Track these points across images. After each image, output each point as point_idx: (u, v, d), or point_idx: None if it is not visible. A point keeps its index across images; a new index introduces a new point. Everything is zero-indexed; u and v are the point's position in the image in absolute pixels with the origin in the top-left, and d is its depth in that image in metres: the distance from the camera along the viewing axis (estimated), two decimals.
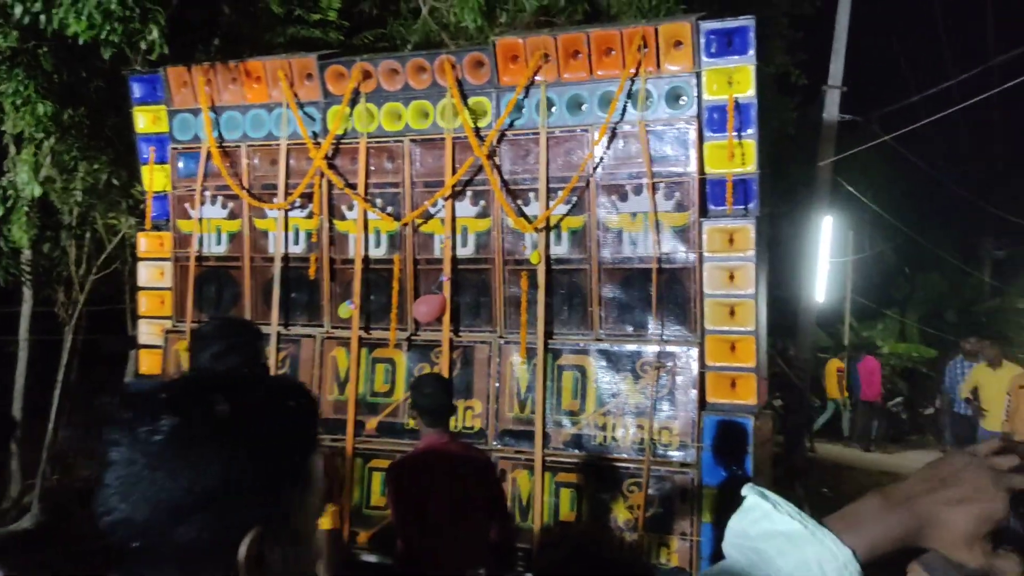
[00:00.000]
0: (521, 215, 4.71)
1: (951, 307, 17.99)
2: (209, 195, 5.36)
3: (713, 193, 4.37)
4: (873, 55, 19.40)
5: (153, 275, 5.53)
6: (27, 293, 7.28)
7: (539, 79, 4.61)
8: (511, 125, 4.71)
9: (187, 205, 5.41)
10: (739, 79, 4.26)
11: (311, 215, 5.15)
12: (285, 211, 5.19)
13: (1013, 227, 16.61)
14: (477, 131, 4.74)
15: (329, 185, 5.08)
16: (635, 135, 4.47)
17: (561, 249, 4.68)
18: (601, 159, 4.56)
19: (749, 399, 4.28)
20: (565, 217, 4.64)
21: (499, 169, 4.75)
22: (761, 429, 4.34)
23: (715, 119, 4.31)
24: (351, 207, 5.08)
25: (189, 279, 5.36)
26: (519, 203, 4.74)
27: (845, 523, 0.96)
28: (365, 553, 4.80)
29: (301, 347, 5.17)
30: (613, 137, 4.53)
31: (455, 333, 4.87)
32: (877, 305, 17.62)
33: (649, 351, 4.47)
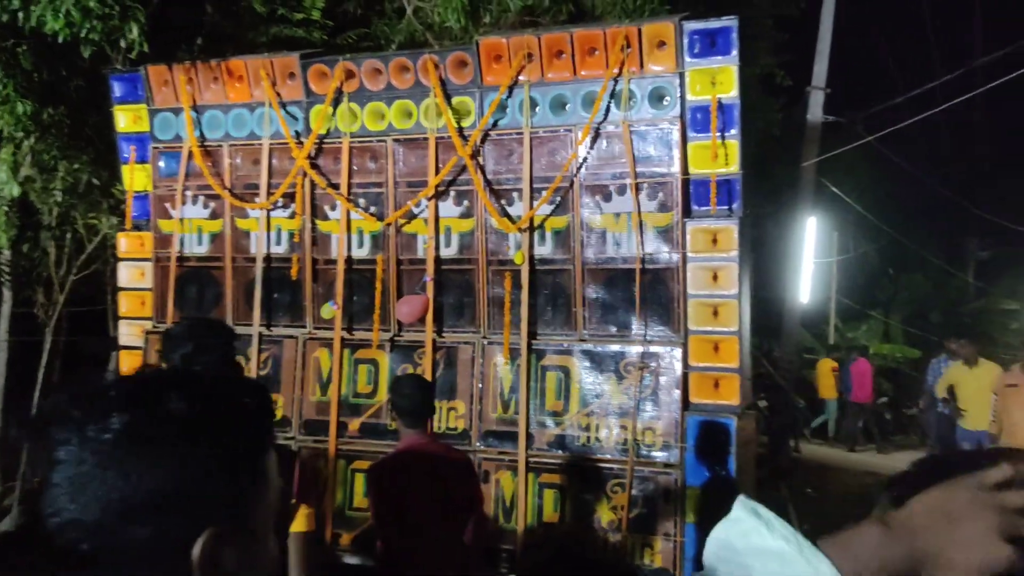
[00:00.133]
0: (505, 215, 4.70)
1: (935, 308, 18.10)
2: (190, 195, 5.32)
3: (697, 193, 4.37)
4: (858, 57, 19.51)
5: (134, 275, 5.48)
6: (6, 294, 7.19)
7: (523, 79, 4.60)
8: (495, 125, 4.69)
9: (168, 205, 5.37)
10: (722, 79, 4.26)
11: (293, 215, 5.12)
12: (267, 211, 5.15)
13: (997, 228, 16.72)
14: (460, 131, 4.72)
15: (312, 185, 5.05)
16: (619, 135, 4.47)
17: (545, 249, 4.67)
18: (585, 159, 4.55)
19: (732, 399, 4.28)
20: (549, 217, 4.63)
21: (482, 169, 4.73)
22: (744, 429, 4.35)
23: (698, 119, 4.31)
24: (334, 207, 5.05)
25: (170, 280, 5.31)
26: (503, 203, 4.72)
27: (841, 549, 0.92)
28: (348, 555, 4.78)
29: (283, 348, 5.13)
30: (596, 137, 4.52)
31: (438, 334, 4.85)
32: (861, 306, 17.72)
33: (633, 351, 4.46)
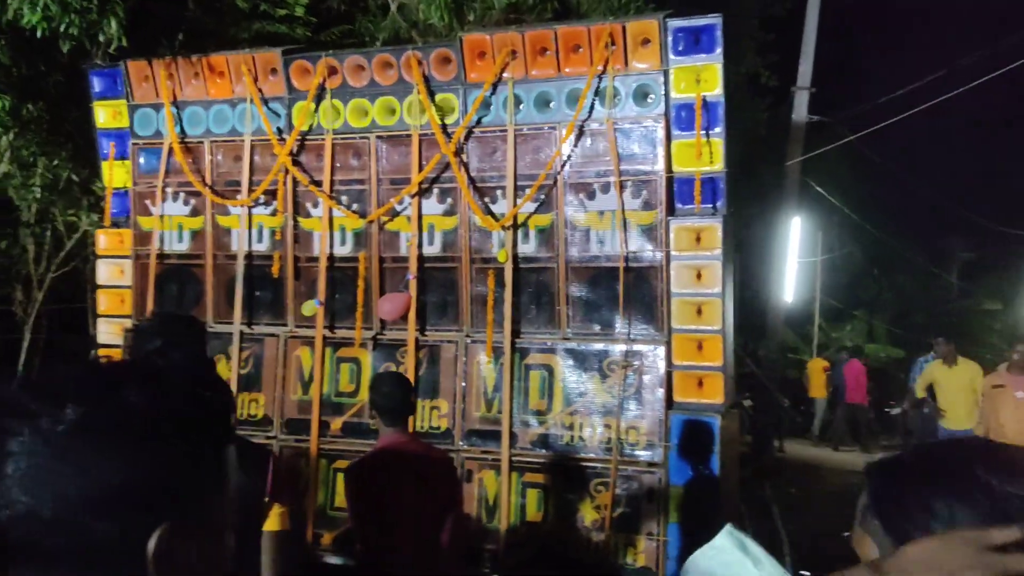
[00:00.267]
0: (488, 213, 4.67)
1: (919, 308, 18.22)
2: (171, 191, 5.26)
3: (681, 191, 4.35)
4: (843, 57, 19.60)
5: (113, 273, 5.42)
6: None
7: (507, 76, 4.57)
8: (478, 122, 4.66)
9: (148, 202, 5.30)
10: (707, 77, 4.25)
11: (275, 212, 5.07)
12: (249, 208, 5.10)
13: (981, 229, 16.85)
14: (444, 128, 4.68)
15: (294, 182, 5.01)
16: (603, 133, 4.45)
17: (528, 247, 4.64)
18: (569, 157, 4.52)
19: (716, 398, 4.26)
20: (532, 215, 4.60)
21: (466, 166, 4.70)
22: (728, 428, 4.34)
23: (683, 117, 4.30)
24: (316, 204, 5.01)
25: (150, 277, 5.25)
26: (486, 201, 4.69)
27: None
28: (329, 555, 4.74)
29: (264, 346, 5.08)
30: (581, 135, 4.50)
31: (421, 332, 4.82)
32: (846, 306, 17.81)
33: (616, 350, 4.44)
